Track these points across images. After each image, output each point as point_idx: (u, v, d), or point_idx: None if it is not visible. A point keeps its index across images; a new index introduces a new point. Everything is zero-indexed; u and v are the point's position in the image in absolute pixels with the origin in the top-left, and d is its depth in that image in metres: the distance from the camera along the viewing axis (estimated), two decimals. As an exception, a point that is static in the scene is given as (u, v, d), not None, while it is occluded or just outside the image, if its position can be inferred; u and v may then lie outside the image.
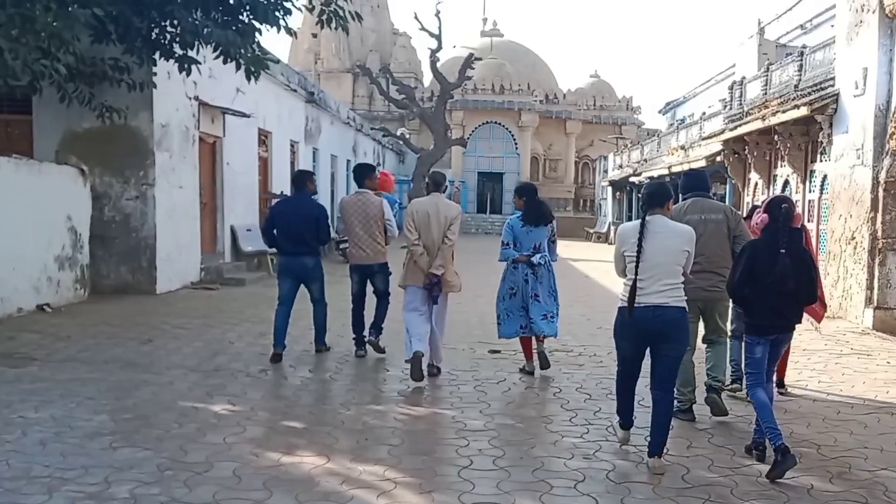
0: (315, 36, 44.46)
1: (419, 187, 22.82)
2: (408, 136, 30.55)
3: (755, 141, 15.74)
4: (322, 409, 5.84)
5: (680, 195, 5.76)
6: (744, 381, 5.38)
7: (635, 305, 4.40)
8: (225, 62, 10.13)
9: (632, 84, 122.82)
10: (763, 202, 4.98)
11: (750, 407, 5.16)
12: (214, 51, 9.98)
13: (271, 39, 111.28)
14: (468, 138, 36.02)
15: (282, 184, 18.17)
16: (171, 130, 12.47)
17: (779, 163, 15.46)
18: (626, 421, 4.90)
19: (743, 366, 5.39)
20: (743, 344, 5.11)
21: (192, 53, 10.27)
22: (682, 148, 21.04)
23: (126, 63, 10.62)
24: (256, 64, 10.33)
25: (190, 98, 13.20)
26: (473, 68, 26.75)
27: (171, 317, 9.80)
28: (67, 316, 9.67)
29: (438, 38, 25.30)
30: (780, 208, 4.53)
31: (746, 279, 4.55)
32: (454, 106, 39.35)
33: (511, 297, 6.81)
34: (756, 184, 16.64)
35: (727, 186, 18.90)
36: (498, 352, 7.96)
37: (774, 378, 5.56)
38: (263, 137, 17.43)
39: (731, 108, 17.95)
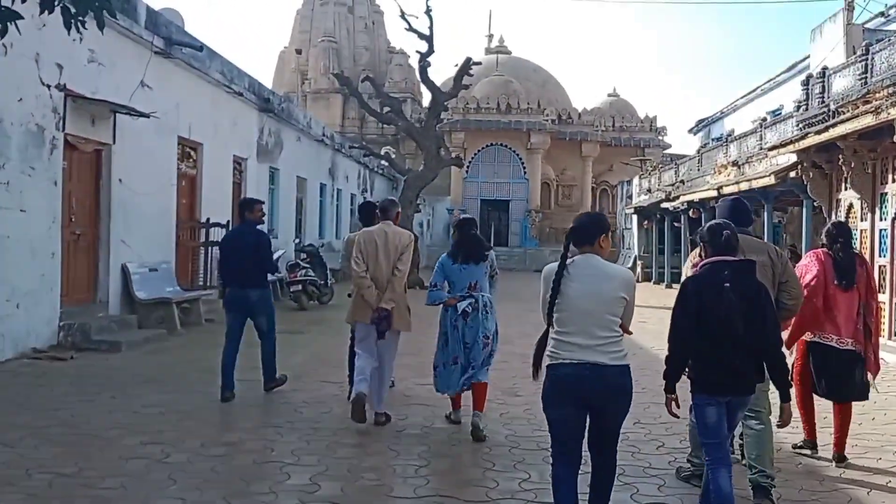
0: (300, 52, 40.62)
1: (406, 215, 18.52)
2: (392, 156, 26.12)
3: (852, 148, 11.48)
4: None
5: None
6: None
7: (564, 362, 3.63)
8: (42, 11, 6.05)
9: (655, 104, 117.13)
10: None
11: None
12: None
13: (254, 59, 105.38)
14: (470, 161, 31.67)
15: (218, 209, 13.93)
16: (7, 129, 8.57)
17: (891, 176, 11.18)
18: None
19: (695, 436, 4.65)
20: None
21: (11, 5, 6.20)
22: (735, 164, 16.67)
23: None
24: (83, 4, 6.16)
25: (48, 86, 9.21)
26: (472, 74, 22.45)
27: None
28: None
29: (429, 39, 21.10)
30: (720, 236, 3.97)
31: (690, 321, 3.82)
32: (454, 126, 35.14)
33: (446, 345, 6.10)
34: (850, 205, 12.29)
35: (804, 210, 14.45)
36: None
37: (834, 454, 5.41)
38: (190, 150, 13.25)
39: (807, 109, 13.64)
